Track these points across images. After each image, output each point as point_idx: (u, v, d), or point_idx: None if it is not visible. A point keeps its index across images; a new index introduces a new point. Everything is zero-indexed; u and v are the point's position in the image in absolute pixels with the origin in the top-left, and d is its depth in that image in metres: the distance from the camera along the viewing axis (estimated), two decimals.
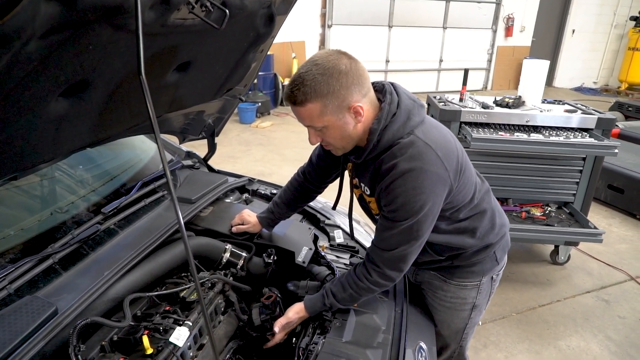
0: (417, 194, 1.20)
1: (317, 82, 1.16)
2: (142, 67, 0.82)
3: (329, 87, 1.17)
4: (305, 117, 1.23)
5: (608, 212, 4.47)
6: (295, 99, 1.20)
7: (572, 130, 3.07)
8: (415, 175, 1.19)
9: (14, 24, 0.63)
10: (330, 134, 1.26)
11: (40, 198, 1.59)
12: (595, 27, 11.41)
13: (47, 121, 1.03)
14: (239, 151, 5.83)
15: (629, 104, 7.29)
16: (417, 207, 1.21)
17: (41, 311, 1.11)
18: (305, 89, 1.17)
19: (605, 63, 11.99)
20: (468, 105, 3.19)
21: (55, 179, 1.66)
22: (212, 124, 2.19)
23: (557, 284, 3.26)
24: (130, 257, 1.37)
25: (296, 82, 1.20)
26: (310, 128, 1.28)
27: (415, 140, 1.22)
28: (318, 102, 1.18)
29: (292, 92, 1.20)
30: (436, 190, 1.23)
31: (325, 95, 1.17)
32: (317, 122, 1.23)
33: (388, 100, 1.25)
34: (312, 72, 1.17)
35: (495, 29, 10.39)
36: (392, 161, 1.22)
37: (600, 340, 2.72)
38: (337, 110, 1.20)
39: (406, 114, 1.25)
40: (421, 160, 1.20)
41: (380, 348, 1.31)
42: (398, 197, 1.21)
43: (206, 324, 0.86)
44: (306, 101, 1.19)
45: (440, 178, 1.22)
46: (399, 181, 1.20)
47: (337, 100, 1.18)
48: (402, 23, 9.39)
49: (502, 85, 10.93)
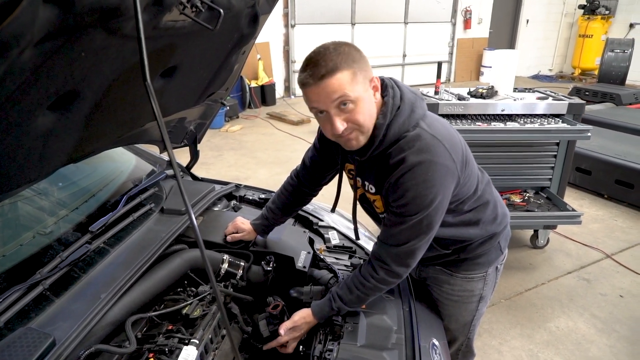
0: (428, 187, 1.18)
1: (343, 51, 1.12)
2: (147, 73, 0.76)
3: (355, 56, 1.13)
4: (336, 88, 1.10)
5: (578, 194, 4.63)
6: (326, 67, 1.09)
7: (544, 116, 3.15)
8: (425, 168, 1.17)
9: (13, 29, 0.56)
10: (359, 109, 1.15)
11: (18, 221, 1.48)
12: (547, 17, 11.86)
13: (35, 137, 0.94)
14: (210, 157, 5.70)
15: (586, 89, 7.60)
16: (428, 200, 1.19)
17: (38, 343, 1.02)
18: (332, 55, 1.10)
19: (558, 50, 12.48)
20: (444, 97, 3.22)
21: (33, 199, 1.54)
22: (193, 130, 2.10)
23: (539, 268, 3.35)
24: (127, 276, 1.29)
25: (319, 56, 1.11)
26: (335, 109, 1.14)
27: (422, 132, 1.20)
28: (348, 69, 1.11)
29: (319, 64, 1.10)
30: (445, 183, 1.21)
31: (353, 62, 1.12)
32: (350, 91, 1.11)
33: (391, 94, 1.23)
34: (330, 47, 1.13)
35: (455, 22, 10.62)
36: (400, 155, 1.19)
37: (587, 318, 2.81)
38: (364, 80, 1.16)
39: (410, 106, 1.23)
40: (430, 152, 1.17)
41: (396, 349, 1.29)
42: (408, 190, 1.18)
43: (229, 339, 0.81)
44: (336, 69, 1.09)
45: (449, 170, 1.20)
46: (408, 175, 1.17)
47: (362, 70, 1.14)
48: (364, 20, 9.45)
49: (463, 77, 11.19)
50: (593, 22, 10.84)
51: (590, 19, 10.87)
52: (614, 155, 4.41)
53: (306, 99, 1.19)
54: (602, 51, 8.43)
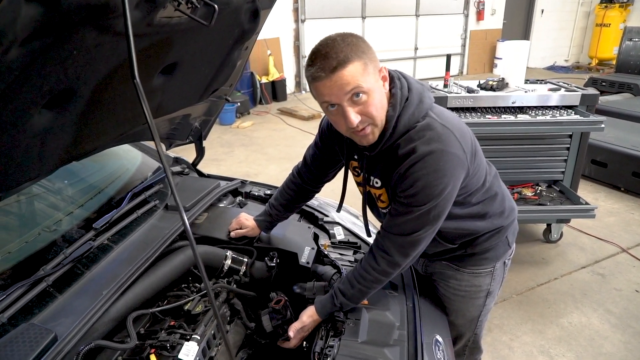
0: (439, 177, 1.15)
1: (352, 43, 1.10)
2: (136, 71, 0.76)
3: (362, 47, 1.11)
4: (349, 79, 1.08)
5: (593, 187, 4.54)
6: (337, 59, 1.06)
7: (556, 108, 3.09)
8: (436, 157, 1.14)
9: None
10: (372, 101, 1.13)
11: (25, 218, 1.50)
12: (562, 6, 11.60)
13: (31, 136, 0.95)
14: (221, 153, 5.73)
15: (602, 79, 7.42)
16: (438, 190, 1.17)
17: (40, 339, 1.04)
18: (343, 46, 1.08)
19: (574, 41, 12.21)
20: (453, 90, 3.17)
21: (40, 197, 1.57)
22: (199, 127, 2.11)
23: (552, 262, 3.29)
24: (129, 273, 1.30)
25: (327, 48, 1.08)
26: (349, 101, 1.11)
27: (432, 122, 1.18)
28: (360, 59, 1.09)
29: (329, 55, 1.07)
30: (456, 173, 1.19)
31: (363, 53, 1.10)
32: (363, 82, 1.09)
33: (398, 85, 1.21)
34: (338, 39, 1.10)
35: (467, 13, 10.46)
36: (409, 145, 1.17)
37: (601, 314, 2.75)
38: (374, 71, 1.14)
39: (418, 96, 1.21)
40: (441, 142, 1.15)
41: (398, 345, 1.28)
42: (418, 180, 1.16)
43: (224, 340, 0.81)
44: (348, 60, 1.07)
45: (460, 160, 1.18)
46: (419, 164, 1.15)
47: (372, 61, 1.13)
48: (375, 13, 9.36)
49: (477, 69, 11.02)
50: (611, 11, 10.57)
51: (608, 7, 10.60)
52: (631, 147, 4.30)
53: (316, 94, 1.15)
54: (620, 40, 8.21)
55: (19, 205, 1.52)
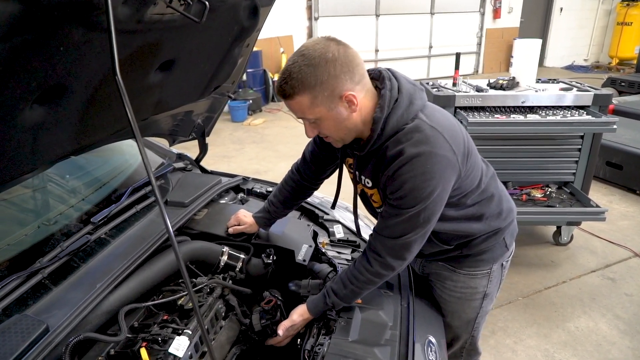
0: (427, 179, 1.14)
1: (304, 74, 1.11)
2: (117, 68, 0.77)
3: (316, 78, 1.11)
4: (296, 109, 1.20)
5: (607, 189, 4.44)
6: (285, 93, 1.17)
7: (568, 108, 3.02)
8: (424, 159, 1.13)
9: None
10: (324, 125, 1.22)
11: (27, 210, 1.53)
12: (582, 4, 11.35)
13: (23, 130, 0.97)
14: (232, 150, 5.77)
15: (621, 79, 7.26)
16: (427, 193, 1.16)
17: (31, 330, 1.06)
18: (292, 82, 1.13)
19: (594, 39, 11.94)
20: (462, 89, 3.13)
21: (42, 190, 1.60)
22: (201, 123, 2.13)
23: (561, 265, 3.23)
24: (123, 267, 1.32)
25: (284, 76, 1.16)
26: (304, 120, 1.24)
27: (421, 124, 1.17)
28: (306, 94, 1.14)
29: (281, 86, 1.17)
30: (445, 175, 1.18)
31: (313, 86, 1.12)
32: (309, 114, 1.19)
33: (388, 86, 1.19)
34: (299, 63, 1.13)
35: (483, 11, 10.31)
36: (397, 147, 1.16)
37: (609, 319, 2.69)
38: (328, 100, 1.15)
39: (408, 98, 1.19)
40: (429, 144, 1.14)
41: (389, 345, 1.27)
42: (406, 182, 1.15)
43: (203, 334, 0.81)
44: (294, 94, 1.15)
45: (449, 162, 1.17)
46: (407, 167, 1.14)
47: (326, 90, 1.13)
48: (389, 11, 9.29)
49: (492, 68, 10.87)
50: (633, 9, 10.30)
51: (630, 5, 10.33)
52: None
53: None
54: None
55: (23, 198, 1.55)
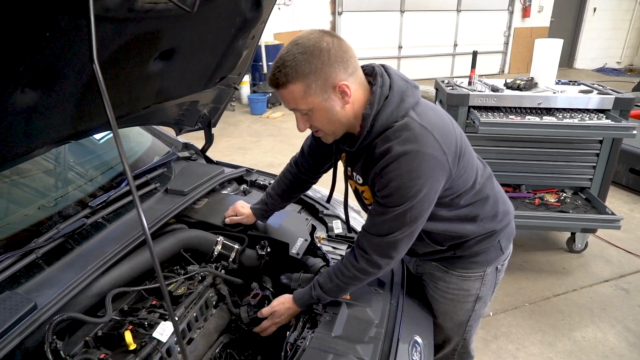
0: (413, 178, 1.13)
1: (298, 62, 1.10)
2: (95, 54, 0.78)
3: (310, 66, 1.10)
4: (289, 99, 1.17)
5: (630, 197, 4.29)
6: (277, 82, 1.14)
7: (587, 111, 2.93)
8: (411, 158, 1.12)
9: None
10: (317, 117, 1.19)
11: (30, 192, 1.58)
12: (618, 4, 10.96)
13: (14, 113, 0.99)
14: (249, 142, 5.81)
15: None
16: (413, 192, 1.14)
17: (19, 307, 1.09)
18: (285, 69, 1.11)
19: (629, 42, 11.52)
20: (477, 88, 3.07)
21: (45, 173, 1.64)
22: (207, 114, 2.15)
23: (573, 273, 3.15)
24: (116, 250, 1.35)
25: (277, 65, 1.14)
26: (296, 112, 1.21)
27: (410, 122, 1.15)
28: (300, 82, 1.12)
29: (274, 75, 1.15)
30: (434, 175, 1.16)
31: (307, 74, 1.11)
32: (302, 104, 1.16)
33: (379, 82, 1.18)
34: (292, 52, 1.11)
35: (512, 10, 10.07)
36: (385, 145, 1.15)
37: (619, 331, 2.61)
38: (322, 90, 1.13)
39: (399, 95, 1.18)
40: (417, 142, 1.12)
41: (372, 343, 1.26)
42: (392, 181, 1.14)
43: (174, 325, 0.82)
44: (288, 82, 1.12)
45: (438, 162, 1.15)
46: (393, 165, 1.13)
47: (320, 79, 1.12)
48: (414, 7, 9.17)
49: (519, 69, 10.62)
50: None
51: None
52: None
53: None
54: None
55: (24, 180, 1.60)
